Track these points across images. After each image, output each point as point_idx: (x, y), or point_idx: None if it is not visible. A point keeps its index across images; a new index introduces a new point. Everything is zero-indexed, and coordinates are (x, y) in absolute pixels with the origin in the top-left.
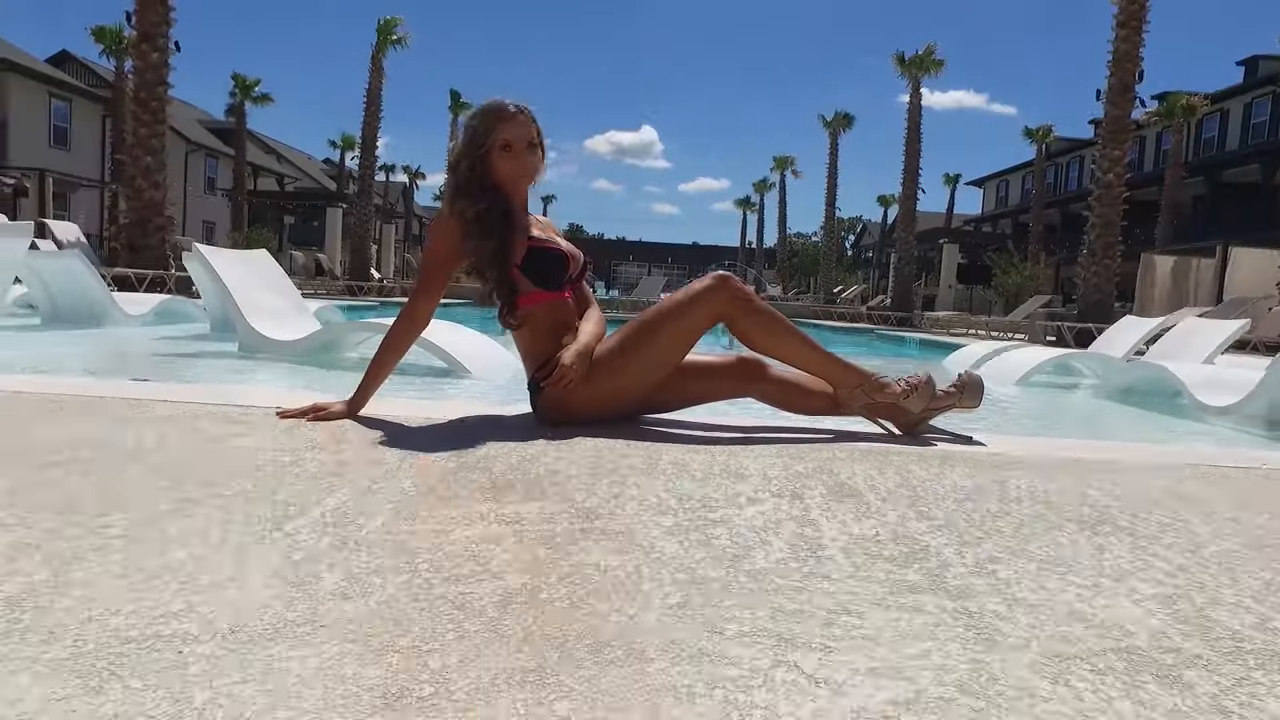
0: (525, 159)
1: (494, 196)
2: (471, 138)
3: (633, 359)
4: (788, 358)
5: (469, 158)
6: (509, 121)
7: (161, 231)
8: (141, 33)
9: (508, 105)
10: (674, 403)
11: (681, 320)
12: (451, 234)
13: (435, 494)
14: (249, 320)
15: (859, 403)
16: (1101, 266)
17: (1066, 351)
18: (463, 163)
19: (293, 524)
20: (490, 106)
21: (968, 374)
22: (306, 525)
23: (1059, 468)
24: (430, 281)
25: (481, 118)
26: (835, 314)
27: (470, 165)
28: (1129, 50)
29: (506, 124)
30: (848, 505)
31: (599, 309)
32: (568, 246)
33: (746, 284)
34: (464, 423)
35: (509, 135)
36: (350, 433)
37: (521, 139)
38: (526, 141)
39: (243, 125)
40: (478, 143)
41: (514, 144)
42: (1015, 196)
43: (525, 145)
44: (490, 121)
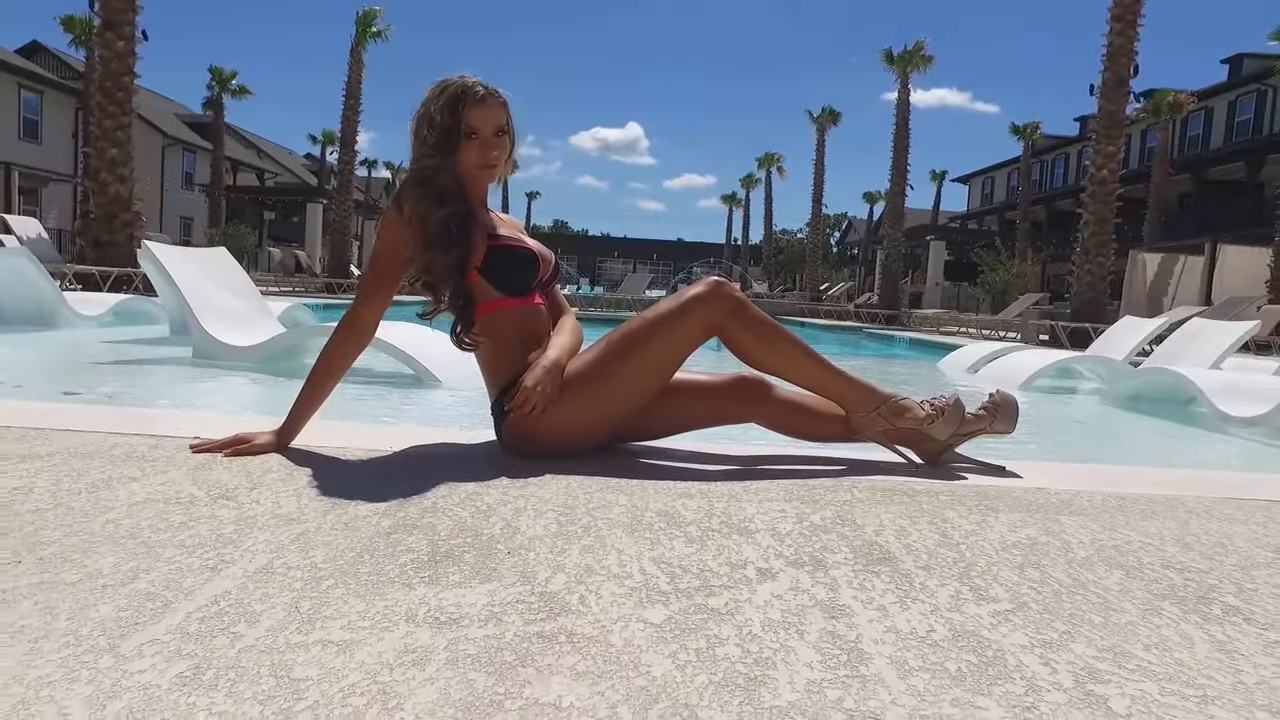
0: (492, 149)
1: (456, 195)
2: (431, 124)
3: (612, 379)
4: (793, 376)
5: (437, 150)
6: (478, 105)
7: (129, 227)
8: (105, 20)
9: (476, 85)
10: (661, 428)
11: (670, 333)
12: (404, 235)
13: (354, 573)
14: (203, 324)
15: (876, 428)
16: (1095, 264)
17: (1071, 354)
18: (425, 157)
19: (139, 637)
20: (454, 87)
21: (1000, 394)
22: (160, 638)
23: (1116, 510)
24: (378, 285)
25: (446, 100)
26: (822, 312)
27: (434, 158)
28: (1123, 44)
29: (475, 108)
30: (884, 578)
31: (574, 318)
32: (536, 245)
33: (734, 281)
34: (414, 456)
35: (476, 121)
36: (272, 473)
37: (490, 125)
38: (495, 128)
39: (220, 119)
40: (443, 130)
41: (480, 130)
42: (1001, 193)
43: (493, 132)
44: (454, 104)
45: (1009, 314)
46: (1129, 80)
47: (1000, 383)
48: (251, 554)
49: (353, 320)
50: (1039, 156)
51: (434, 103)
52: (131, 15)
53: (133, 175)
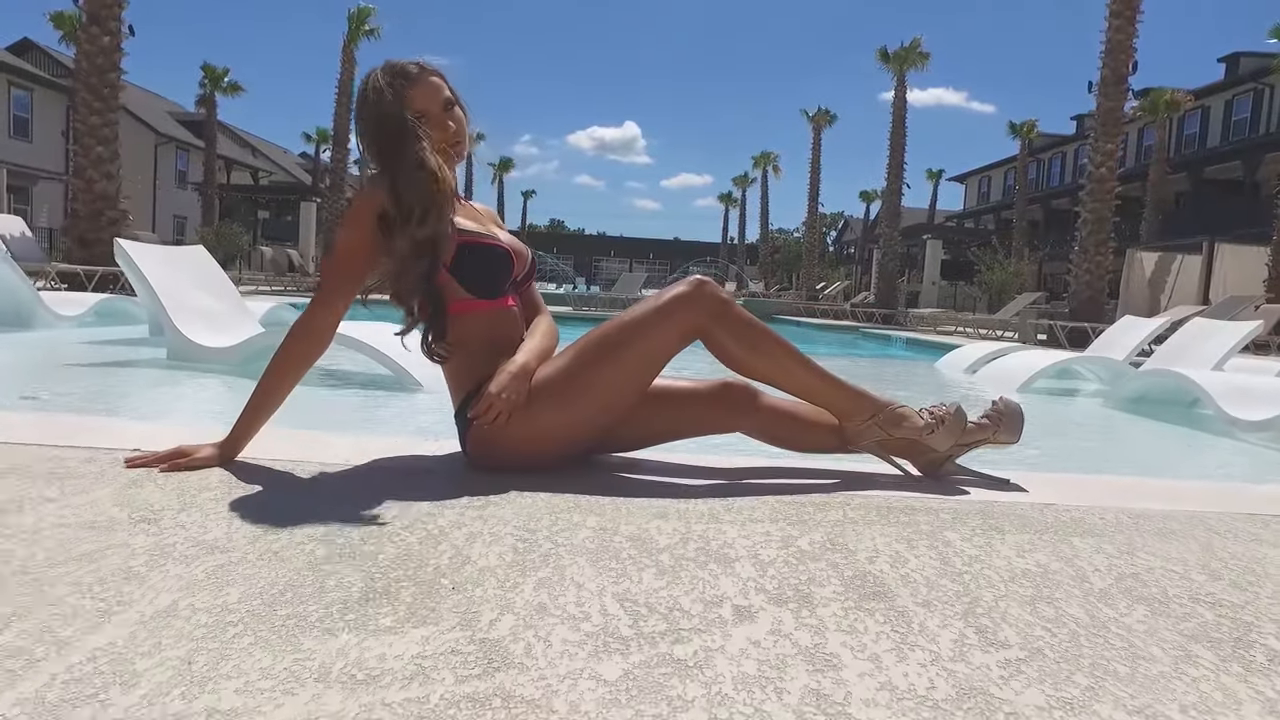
0: (448, 124)
1: None
2: (382, 120)
3: (585, 386)
4: (782, 383)
5: (406, 145)
6: (416, 84)
7: (115, 225)
8: (90, 15)
9: (408, 66)
10: (640, 439)
11: (648, 336)
12: (372, 224)
13: (269, 616)
14: (177, 324)
15: (871, 438)
16: (1094, 263)
17: (1071, 355)
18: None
19: None
20: (391, 68)
21: (1004, 401)
22: (5, 714)
23: (1131, 530)
24: (340, 285)
25: (387, 84)
26: (819, 311)
27: (410, 151)
28: (1122, 41)
29: (413, 88)
30: (878, 618)
31: (550, 318)
32: (509, 240)
33: (728, 283)
34: (373, 470)
35: (420, 102)
36: (208, 492)
37: (435, 101)
38: (441, 103)
39: (213, 116)
40: (394, 128)
41: (429, 109)
42: (997, 192)
43: (442, 108)
44: (396, 91)
45: (1006, 313)
46: (1128, 77)
47: (999, 384)
48: (156, 592)
49: (308, 323)
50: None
51: (373, 95)
52: (117, 10)
53: (119, 173)
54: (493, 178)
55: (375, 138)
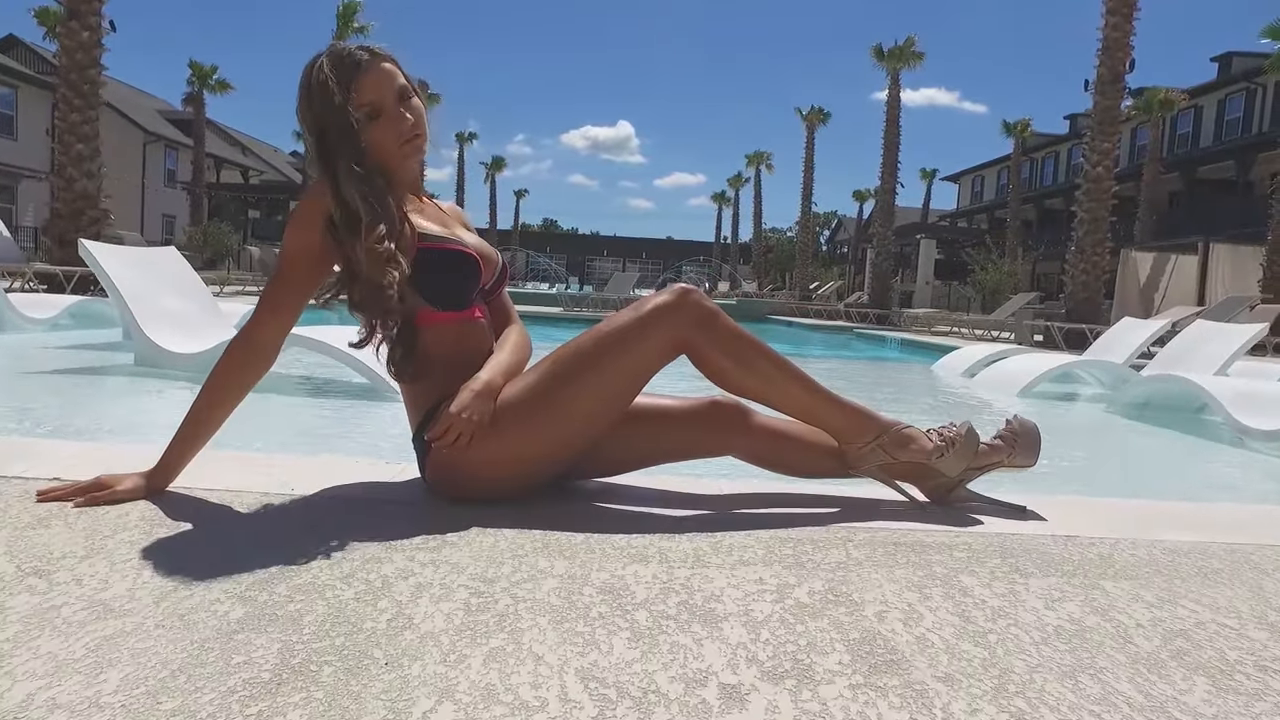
0: (404, 119)
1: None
2: (325, 118)
3: (556, 406)
4: (776, 402)
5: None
6: (366, 73)
7: (96, 225)
8: (70, 9)
9: (355, 51)
10: (619, 462)
11: (628, 351)
12: (321, 228)
13: (149, 713)
14: (144, 329)
15: (874, 462)
16: (1090, 264)
17: (1073, 359)
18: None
19: None
20: (334, 55)
21: (1019, 421)
22: None
23: (1169, 571)
24: (286, 297)
25: (331, 72)
26: (812, 311)
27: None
28: (1119, 38)
29: (363, 77)
30: (892, 698)
31: (523, 329)
32: (477, 244)
33: (721, 282)
34: (321, 501)
35: (370, 94)
36: (123, 534)
37: (388, 92)
38: (395, 93)
39: (201, 114)
40: (340, 119)
41: (381, 102)
42: (990, 192)
43: (395, 99)
44: (341, 83)
45: (1002, 314)
46: (1125, 75)
47: (999, 388)
48: (12, 680)
49: (249, 339)
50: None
51: (316, 87)
52: (97, 4)
53: (101, 171)
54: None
55: (319, 138)
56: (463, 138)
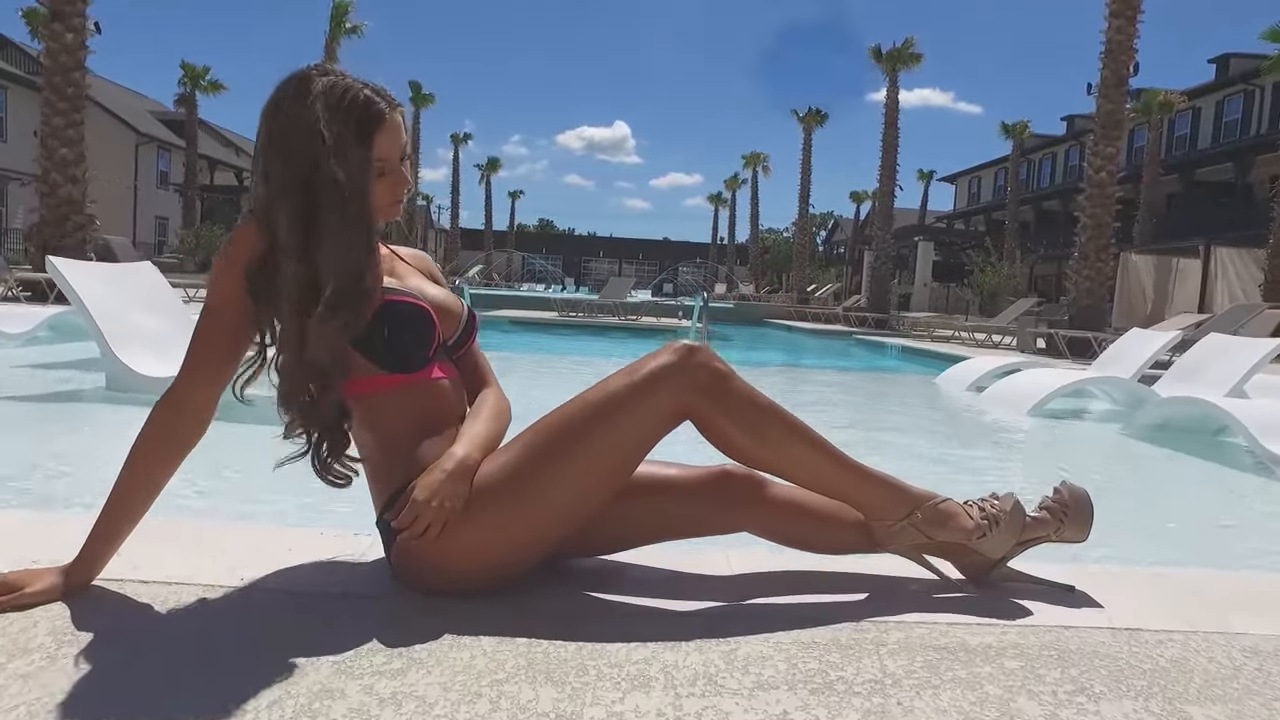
0: (405, 181)
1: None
2: (327, 166)
3: (541, 487)
4: (796, 476)
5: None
6: (386, 130)
7: (81, 230)
8: (53, 10)
9: (373, 98)
10: (614, 540)
11: (623, 421)
12: (244, 261)
13: None
14: (116, 352)
15: (906, 541)
16: (1094, 269)
17: (1085, 375)
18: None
19: None
20: (350, 99)
21: (1069, 489)
22: None
23: (1260, 683)
24: (216, 346)
25: (349, 123)
26: (810, 315)
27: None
28: (1123, 41)
29: (380, 133)
30: None
31: (500, 393)
32: (437, 296)
33: (718, 284)
34: (268, 595)
35: (386, 149)
36: (21, 660)
37: (398, 149)
38: (402, 150)
39: (193, 115)
40: (360, 178)
41: (390, 159)
42: (988, 193)
43: (401, 158)
44: (364, 136)
45: (1004, 319)
46: (1129, 79)
47: (1008, 405)
48: None
49: (175, 401)
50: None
51: (326, 117)
52: (81, 5)
53: (86, 176)
54: (481, 178)
55: (304, 182)
56: (458, 139)
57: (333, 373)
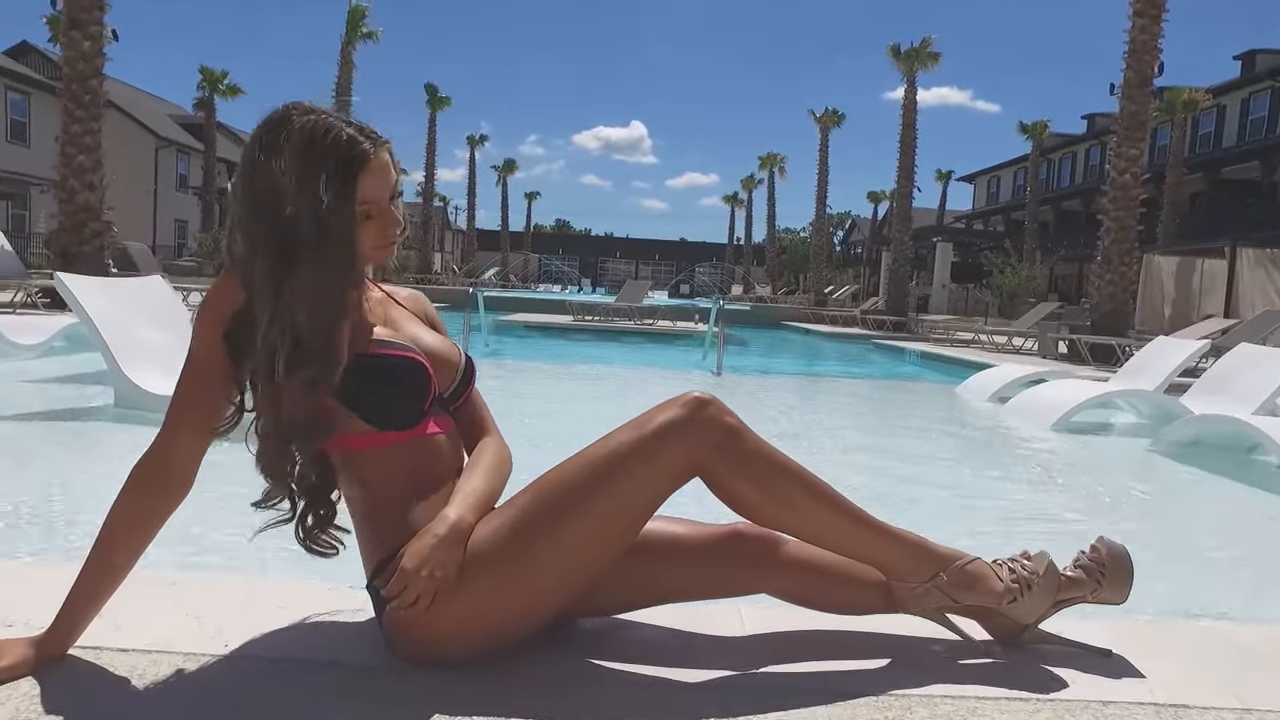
0: (395, 222)
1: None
2: (316, 203)
3: (539, 552)
4: (813, 536)
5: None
6: (368, 170)
7: (99, 237)
8: (71, 18)
9: (356, 137)
10: (618, 603)
11: (628, 479)
12: (224, 314)
13: None
14: (122, 367)
15: (930, 604)
16: (1117, 274)
17: (1112, 389)
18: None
19: None
20: (331, 140)
21: (1106, 546)
22: None
23: None
24: (198, 400)
25: (330, 166)
26: (827, 317)
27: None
28: (1147, 41)
29: (365, 175)
30: None
31: (500, 442)
32: (433, 343)
33: (735, 285)
34: (251, 665)
35: (372, 191)
36: None
37: (386, 190)
38: (391, 190)
39: (212, 119)
40: (341, 224)
41: (378, 202)
42: (1007, 193)
43: (390, 198)
44: (346, 178)
45: (1025, 323)
46: (1153, 79)
47: (1031, 417)
48: None
49: (162, 458)
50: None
51: (304, 157)
52: (98, 14)
53: (103, 183)
54: (497, 179)
55: (284, 231)
56: (474, 140)
57: (311, 436)
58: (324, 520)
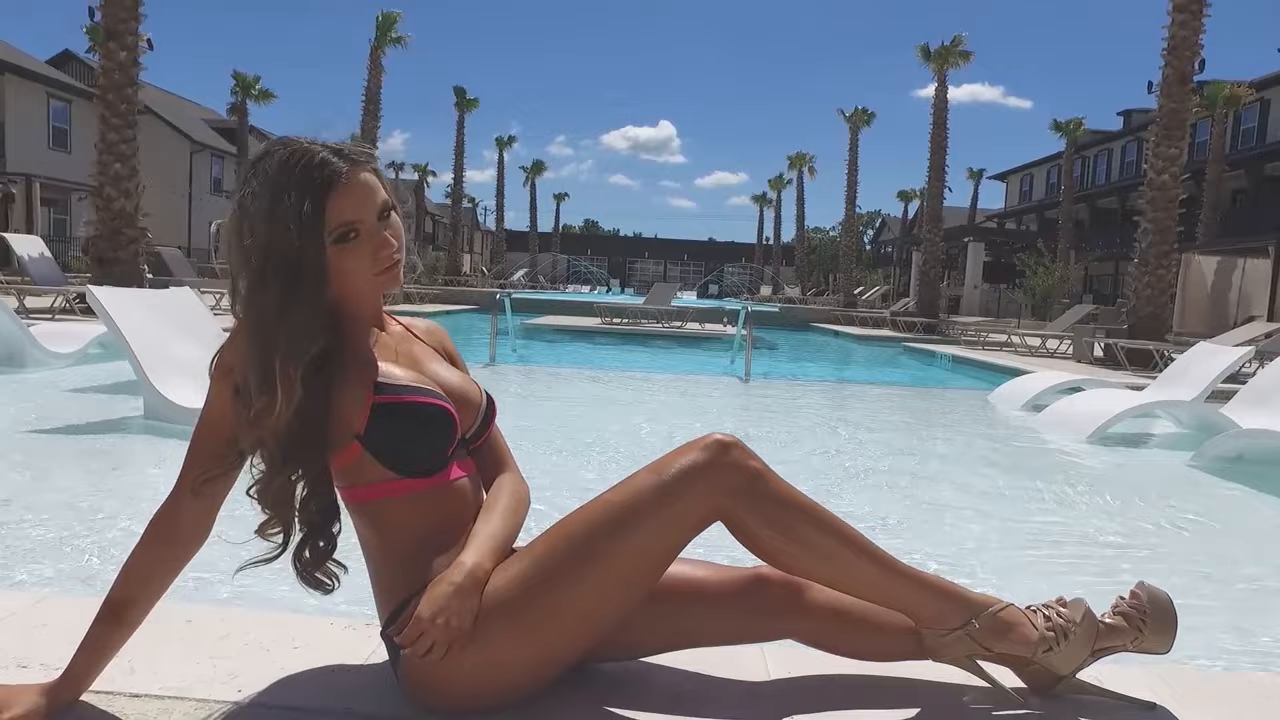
0: (387, 242)
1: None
2: (278, 236)
3: (556, 601)
4: (839, 584)
5: (295, 289)
6: (342, 190)
7: (134, 244)
8: (108, 29)
9: (329, 159)
10: (637, 648)
11: (647, 526)
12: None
13: None
14: (151, 380)
15: (961, 652)
16: (1155, 277)
17: (1152, 399)
18: (276, 290)
19: None
20: (301, 164)
21: (1147, 592)
22: None
23: None
24: (211, 458)
25: (295, 188)
26: (857, 319)
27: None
28: (1187, 37)
29: (339, 195)
30: None
31: (518, 478)
32: (454, 382)
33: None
34: (264, 715)
35: (350, 211)
36: None
37: (371, 207)
38: (380, 208)
39: (244, 124)
40: (303, 246)
41: (363, 221)
42: (1040, 191)
43: (379, 214)
44: (311, 198)
45: (1059, 326)
46: (1193, 76)
47: (1066, 429)
48: None
49: (170, 518)
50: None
51: (274, 189)
52: (134, 24)
53: (138, 190)
54: (525, 180)
55: (261, 264)
56: (502, 142)
57: (290, 464)
58: (323, 553)
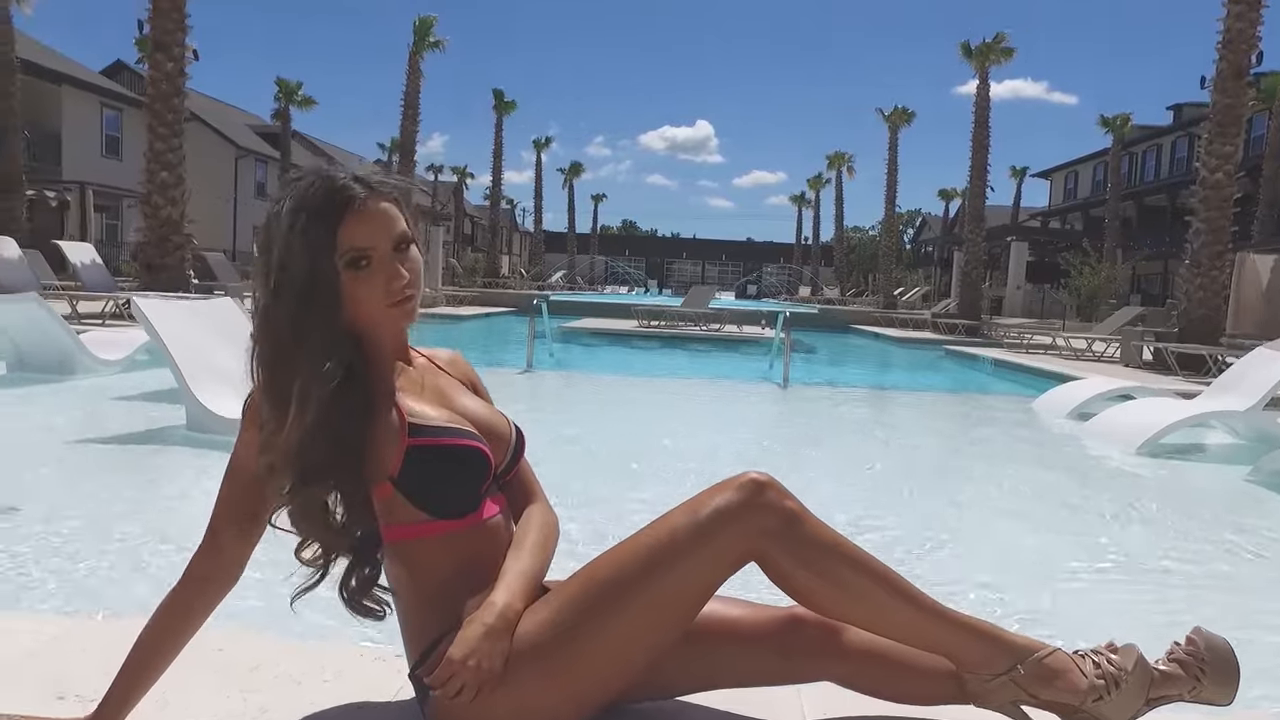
0: (399, 274)
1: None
2: (291, 254)
3: (587, 644)
4: (878, 627)
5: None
6: (357, 216)
7: (180, 250)
8: (155, 40)
9: (349, 184)
10: (668, 688)
11: (681, 567)
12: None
13: None
14: (194, 391)
15: (1005, 699)
16: (1208, 279)
17: (1206, 409)
18: (289, 307)
19: None
20: (322, 188)
21: (1205, 639)
22: None
23: None
24: (233, 511)
25: (311, 209)
26: (898, 320)
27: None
28: (1244, 29)
29: (354, 220)
30: None
31: (547, 509)
32: (481, 414)
33: (802, 287)
34: None
35: (364, 237)
36: None
37: (387, 235)
38: (396, 238)
39: (287, 129)
40: (314, 265)
41: (377, 249)
42: (1085, 188)
43: (395, 245)
44: (325, 219)
45: (1106, 328)
46: (1249, 69)
47: (1114, 440)
48: None
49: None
50: (1128, 149)
51: (289, 216)
52: (180, 35)
53: (184, 197)
54: (564, 182)
55: (278, 280)
56: (540, 144)
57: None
58: (368, 580)
